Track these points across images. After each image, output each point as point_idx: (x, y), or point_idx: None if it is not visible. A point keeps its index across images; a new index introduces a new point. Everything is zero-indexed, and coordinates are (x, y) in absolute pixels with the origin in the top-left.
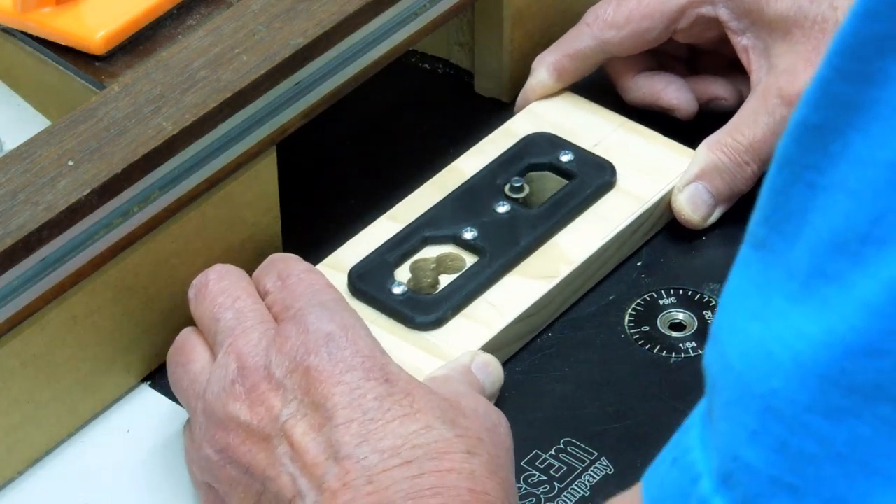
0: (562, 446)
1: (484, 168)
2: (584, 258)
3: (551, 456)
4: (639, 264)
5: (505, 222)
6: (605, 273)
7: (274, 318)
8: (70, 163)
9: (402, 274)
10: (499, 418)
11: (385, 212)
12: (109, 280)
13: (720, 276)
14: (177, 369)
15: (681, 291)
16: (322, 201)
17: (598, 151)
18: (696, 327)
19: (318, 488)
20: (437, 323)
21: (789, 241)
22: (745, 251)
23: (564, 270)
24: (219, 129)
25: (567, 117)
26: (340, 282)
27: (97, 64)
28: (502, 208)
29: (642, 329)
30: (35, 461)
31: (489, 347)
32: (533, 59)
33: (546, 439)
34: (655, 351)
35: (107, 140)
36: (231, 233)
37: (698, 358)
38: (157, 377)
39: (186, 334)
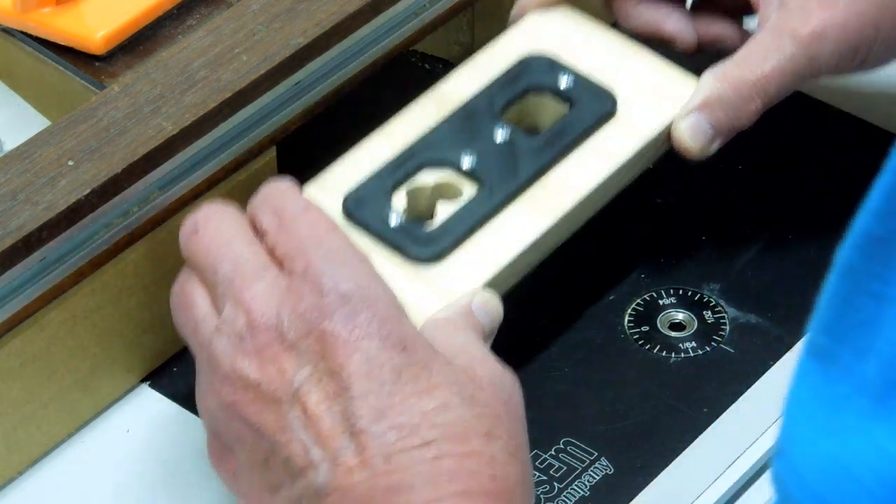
0: (562, 446)
1: (481, 91)
2: (585, 191)
3: (551, 456)
4: (639, 264)
5: (504, 150)
6: (604, 204)
7: (277, 262)
8: (70, 163)
9: (399, 200)
10: (512, 386)
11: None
12: (109, 280)
13: (720, 276)
14: (179, 312)
15: (681, 291)
16: None
17: (598, 74)
18: (695, 327)
19: (332, 461)
20: (437, 257)
21: (857, 353)
22: (805, 361)
23: (566, 204)
24: (219, 129)
25: (565, 35)
26: (333, 205)
27: (97, 64)
28: (500, 134)
29: (642, 329)
30: (35, 461)
31: (490, 284)
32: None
33: (546, 439)
34: (655, 351)
35: (107, 140)
36: None
37: (698, 358)
38: (157, 377)
39: (186, 276)
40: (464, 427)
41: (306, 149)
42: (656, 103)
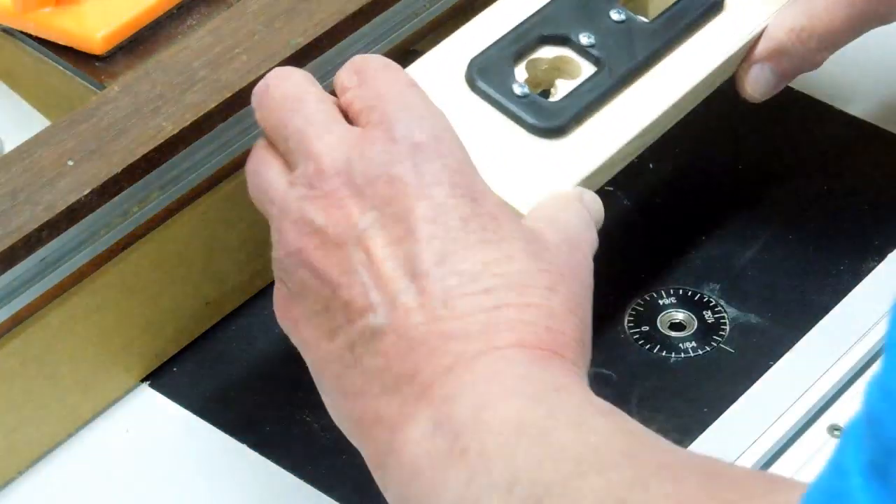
0: None
1: None
2: (698, 79)
3: None
4: (639, 264)
5: (621, 32)
6: (709, 93)
7: (353, 117)
8: (70, 163)
9: (520, 73)
10: (584, 258)
11: None
12: (109, 280)
13: (720, 276)
14: (252, 178)
15: (681, 291)
16: None
17: None
18: (696, 327)
19: (391, 303)
20: (559, 132)
21: None
22: None
23: (680, 90)
24: (219, 129)
25: None
26: (454, 72)
27: (97, 64)
28: (617, 16)
29: (642, 329)
30: (35, 461)
31: (608, 163)
32: None
33: None
34: (655, 351)
35: (107, 140)
36: (231, 233)
37: (698, 358)
38: (157, 377)
39: (258, 145)
40: (525, 278)
41: None
42: (760, 3)
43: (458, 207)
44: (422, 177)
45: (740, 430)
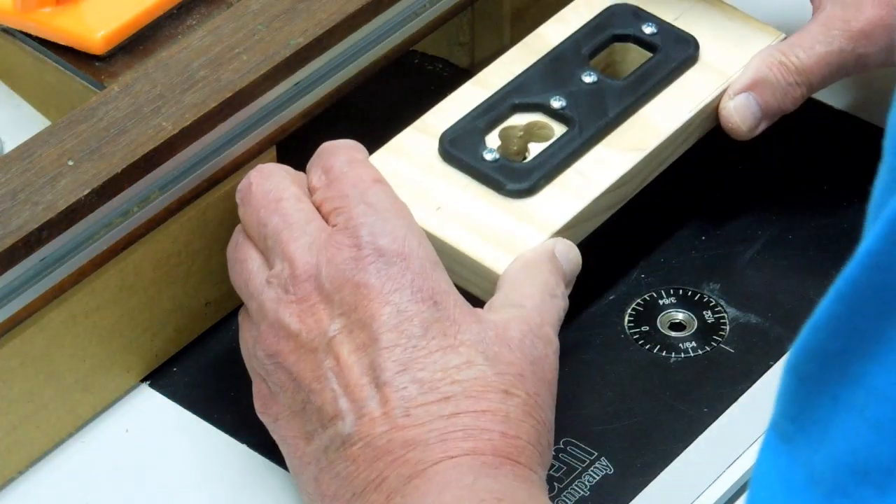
0: (562, 446)
1: (569, 37)
2: (671, 130)
3: (551, 456)
4: (639, 264)
5: (592, 92)
6: (688, 147)
7: (325, 217)
8: (70, 163)
9: (492, 141)
10: (546, 348)
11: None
12: (109, 280)
13: (720, 276)
14: (234, 265)
15: (681, 291)
16: None
17: (680, 24)
18: (695, 327)
19: (357, 411)
20: (530, 191)
21: (813, 445)
22: (773, 441)
23: (653, 142)
24: (219, 129)
25: None
26: (430, 145)
27: (97, 64)
28: (589, 78)
29: (642, 329)
30: (35, 461)
31: (580, 217)
32: None
33: None
34: (655, 351)
35: (107, 140)
36: (231, 233)
37: (698, 358)
38: (157, 377)
39: (240, 235)
40: (483, 384)
41: (306, 149)
42: (737, 50)
43: (419, 313)
44: (384, 283)
45: (740, 431)
